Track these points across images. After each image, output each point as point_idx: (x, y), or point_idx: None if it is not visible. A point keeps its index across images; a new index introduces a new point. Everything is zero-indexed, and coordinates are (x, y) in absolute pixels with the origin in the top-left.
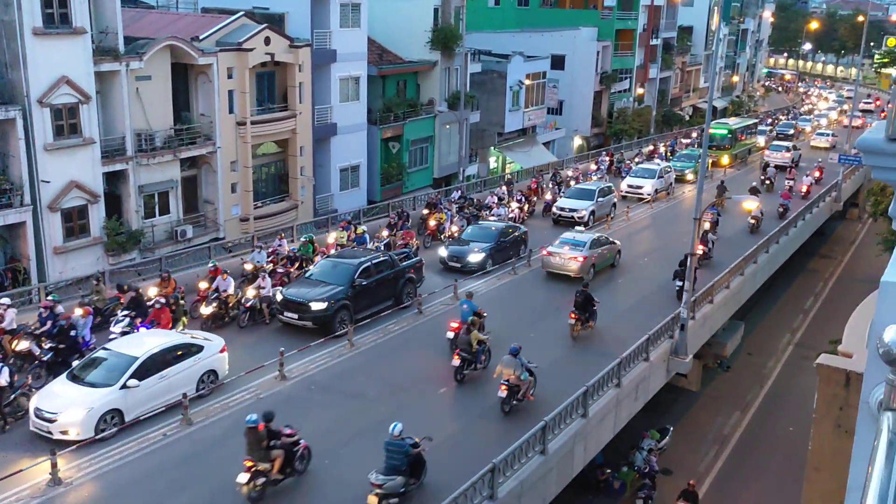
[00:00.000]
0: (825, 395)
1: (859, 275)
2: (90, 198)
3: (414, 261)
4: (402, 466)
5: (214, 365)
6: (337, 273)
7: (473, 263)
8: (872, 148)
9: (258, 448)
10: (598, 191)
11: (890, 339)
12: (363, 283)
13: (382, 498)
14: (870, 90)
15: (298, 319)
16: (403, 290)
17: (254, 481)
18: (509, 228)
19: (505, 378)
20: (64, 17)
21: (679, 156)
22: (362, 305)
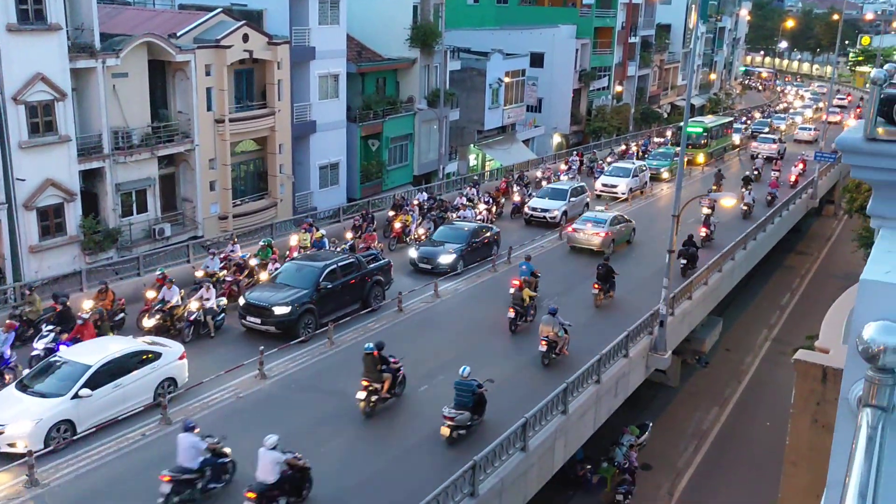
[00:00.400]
0: (802, 391)
1: (835, 271)
2: (66, 196)
3: (382, 263)
4: (468, 403)
5: (173, 372)
6: (301, 276)
7: (444, 265)
8: (851, 147)
9: (373, 370)
10: (570, 191)
11: (869, 337)
12: (328, 286)
13: (453, 429)
14: (840, 87)
15: (261, 324)
16: (371, 293)
17: (369, 398)
18: (481, 229)
19: (545, 335)
20: (39, 13)
21: (654, 154)
22: (328, 309)
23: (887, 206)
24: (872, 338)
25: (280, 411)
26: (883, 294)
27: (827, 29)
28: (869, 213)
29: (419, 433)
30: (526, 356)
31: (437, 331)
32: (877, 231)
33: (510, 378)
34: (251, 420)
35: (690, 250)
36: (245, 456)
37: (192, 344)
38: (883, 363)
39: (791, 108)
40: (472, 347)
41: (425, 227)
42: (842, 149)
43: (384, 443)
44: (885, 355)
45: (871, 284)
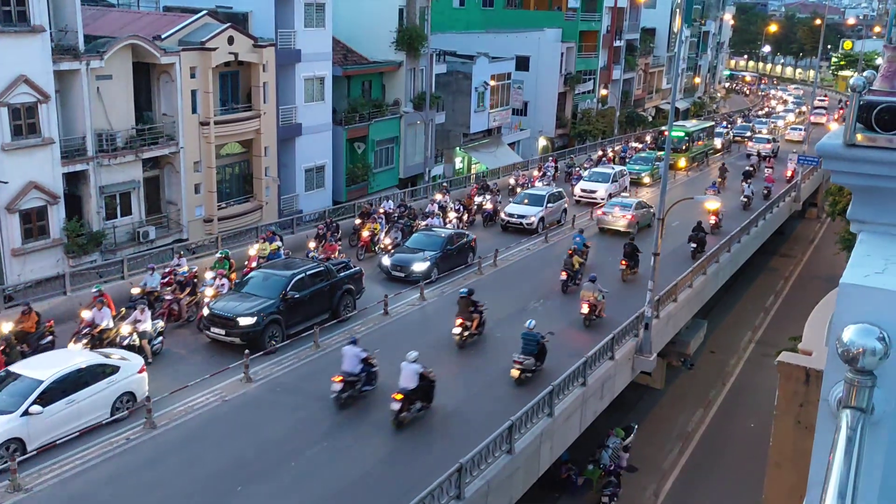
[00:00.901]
0: (786, 392)
1: (818, 273)
2: (50, 199)
3: (353, 271)
4: (534, 351)
5: (132, 386)
6: (268, 286)
7: (418, 273)
8: (831, 153)
9: (466, 311)
10: (547, 196)
11: (848, 339)
12: (296, 296)
13: (522, 371)
14: (822, 90)
15: (225, 336)
16: (341, 303)
17: (462, 333)
18: (456, 236)
19: (586, 299)
20: (22, 14)
21: (635, 158)
22: (295, 319)
23: (867, 211)
24: (852, 340)
25: (265, 414)
26: (862, 297)
27: (810, 33)
28: (849, 217)
29: (407, 434)
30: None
31: (426, 333)
32: (857, 235)
33: None
34: (236, 423)
35: (699, 235)
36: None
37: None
38: (862, 365)
39: (773, 113)
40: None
41: (392, 236)
42: (822, 154)
43: (370, 451)
44: (863, 357)
45: (850, 288)
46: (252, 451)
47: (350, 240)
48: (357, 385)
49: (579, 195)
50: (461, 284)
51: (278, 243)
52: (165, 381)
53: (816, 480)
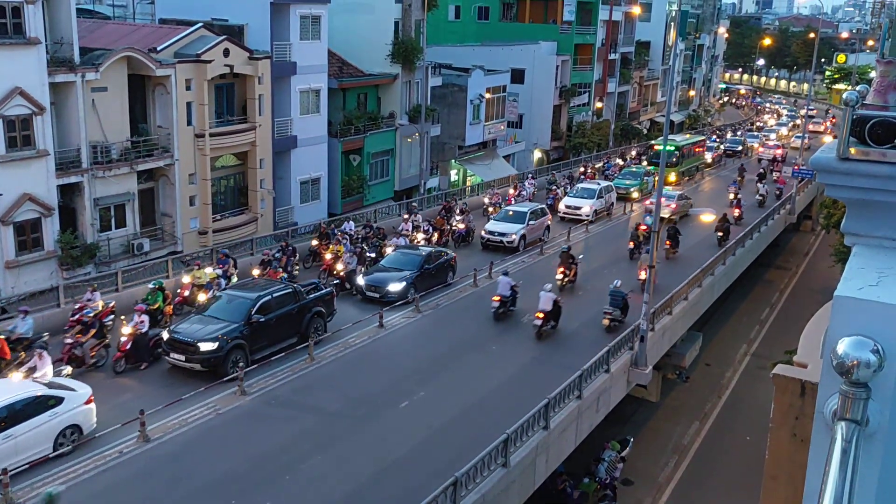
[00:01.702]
0: (781, 405)
1: (813, 285)
2: (44, 211)
3: (323, 292)
4: (619, 305)
5: (77, 419)
6: (232, 309)
7: (393, 293)
8: (824, 167)
9: (567, 261)
10: (529, 213)
11: (843, 352)
12: (261, 319)
13: (612, 321)
14: (816, 103)
15: (186, 361)
16: (310, 326)
17: (563, 279)
18: (435, 254)
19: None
20: (17, 27)
21: (624, 173)
22: (261, 344)
23: (860, 224)
24: (846, 353)
25: (260, 427)
26: (856, 310)
27: (803, 47)
28: (843, 230)
29: (401, 449)
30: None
31: (424, 346)
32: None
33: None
34: (230, 436)
35: (726, 225)
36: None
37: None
38: (856, 377)
39: (765, 127)
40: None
41: (345, 261)
42: (816, 168)
43: (359, 462)
44: (858, 370)
45: (844, 300)
46: (246, 465)
47: (305, 262)
48: (507, 304)
49: (564, 212)
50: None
51: (217, 271)
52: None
53: (812, 492)
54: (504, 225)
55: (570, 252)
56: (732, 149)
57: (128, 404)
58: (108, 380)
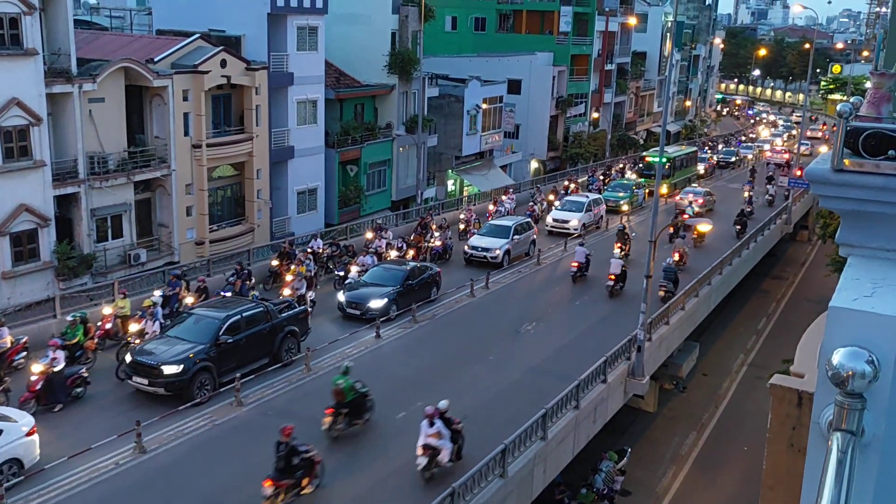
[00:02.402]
0: (778, 415)
1: (810, 295)
2: (40, 221)
3: (297, 311)
4: (672, 278)
5: (17, 452)
6: (198, 329)
7: (374, 310)
8: (819, 178)
9: (622, 239)
10: (514, 227)
11: (838, 362)
12: (229, 340)
13: (666, 292)
14: (811, 112)
15: (149, 385)
16: (283, 346)
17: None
18: (418, 269)
19: (677, 249)
20: (15, 38)
21: (613, 185)
22: (229, 366)
23: (855, 235)
24: (841, 363)
25: (256, 438)
26: (851, 320)
27: (799, 57)
28: (838, 241)
29: (398, 459)
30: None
31: (421, 356)
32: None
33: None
34: (226, 447)
35: (743, 219)
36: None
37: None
38: (851, 388)
39: (758, 138)
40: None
41: (294, 286)
42: (810, 179)
43: (356, 473)
44: (853, 380)
45: (839, 311)
46: (242, 476)
47: (266, 283)
48: (584, 270)
49: (552, 225)
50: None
51: (155, 299)
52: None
53: (808, 502)
54: (488, 240)
55: (626, 231)
56: (726, 160)
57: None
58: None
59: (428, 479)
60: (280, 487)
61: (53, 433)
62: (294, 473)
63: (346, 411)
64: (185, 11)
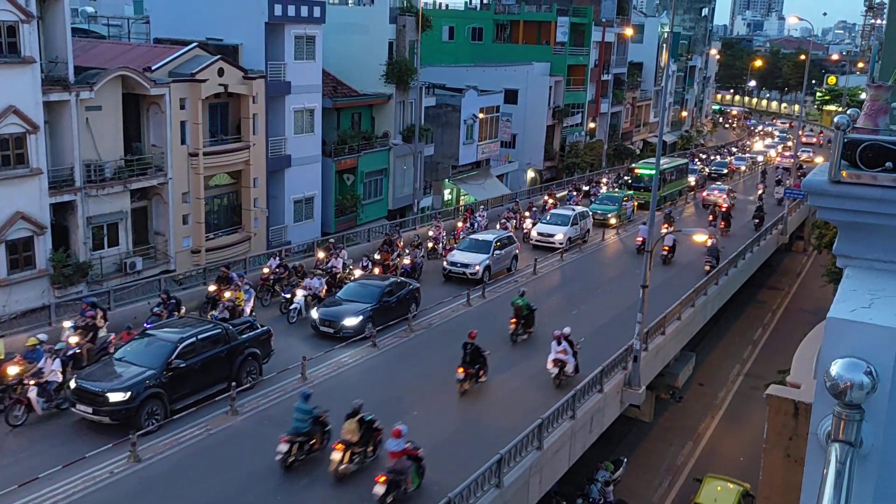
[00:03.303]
0: (775, 426)
1: (806, 306)
2: (36, 229)
3: (258, 332)
4: (715, 255)
5: None
6: (149, 353)
7: (349, 328)
8: (816, 189)
9: (670, 220)
10: (494, 242)
11: (836, 373)
12: (182, 364)
13: (711, 267)
14: (807, 124)
15: (93, 413)
16: (243, 369)
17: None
18: (396, 285)
19: (710, 238)
20: (12, 45)
21: (602, 198)
22: (182, 392)
23: (852, 246)
24: (839, 374)
25: (251, 447)
26: (849, 332)
27: (794, 69)
28: (835, 252)
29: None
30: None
31: (417, 365)
32: (844, 270)
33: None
34: (221, 456)
35: (761, 213)
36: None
37: None
38: (850, 399)
39: (750, 150)
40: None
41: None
42: (808, 191)
43: (352, 483)
44: (851, 391)
45: (837, 322)
46: (237, 485)
47: (203, 311)
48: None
49: (536, 239)
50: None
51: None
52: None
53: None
54: (467, 255)
55: (672, 214)
56: (718, 172)
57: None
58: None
59: (557, 386)
60: (468, 375)
61: None
62: (474, 365)
63: (523, 322)
64: (182, 20)
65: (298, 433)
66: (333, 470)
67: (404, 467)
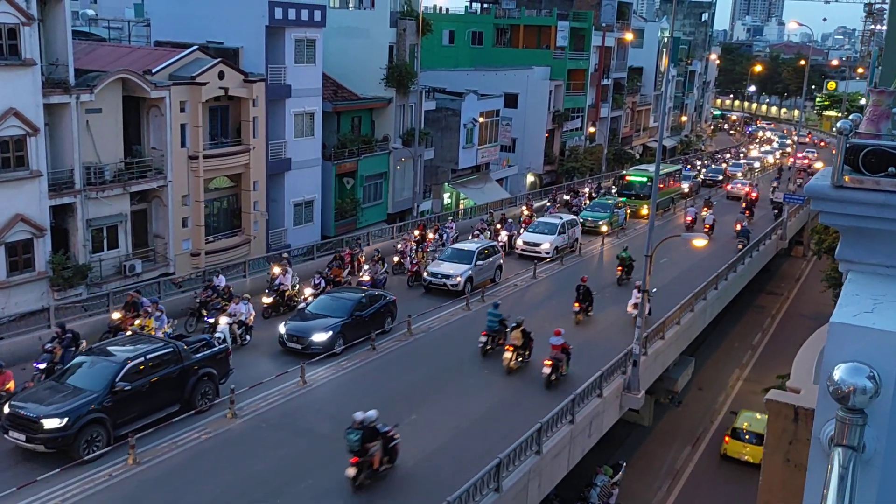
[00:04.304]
0: (775, 430)
1: (805, 311)
2: (36, 231)
3: (215, 351)
4: (746, 235)
5: None
6: (92, 375)
7: (318, 344)
8: (819, 194)
9: (710, 204)
10: (477, 252)
11: (839, 378)
12: (127, 387)
13: (743, 245)
14: (807, 128)
15: (27, 441)
16: (196, 390)
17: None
18: (369, 298)
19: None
20: (13, 48)
21: (593, 205)
22: (128, 416)
23: (855, 251)
24: (842, 379)
25: (250, 451)
26: (852, 336)
27: (794, 74)
28: (837, 257)
29: (393, 473)
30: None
31: (415, 369)
32: (845, 274)
33: None
34: (220, 459)
35: (779, 205)
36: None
37: None
38: (853, 404)
39: (747, 155)
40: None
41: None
42: (811, 195)
43: (350, 486)
44: (854, 396)
45: (840, 327)
46: (236, 488)
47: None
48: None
49: (522, 248)
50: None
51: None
52: None
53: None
54: (449, 266)
55: (711, 199)
56: (713, 178)
57: None
58: None
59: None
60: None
61: None
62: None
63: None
64: (183, 23)
65: (492, 331)
66: (506, 365)
67: (561, 357)
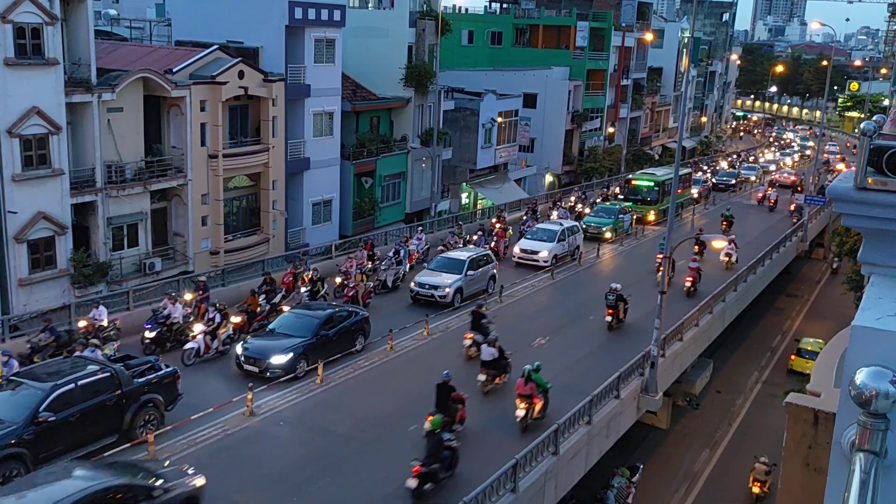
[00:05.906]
0: (794, 434)
1: (825, 314)
2: (58, 229)
3: (161, 374)
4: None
5: None
6: (13, 405)
7: (276, 366)
8: (842, 196)
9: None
10: (468, 261)
11: (861, 382)
12: (51, 418)
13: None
14: (828, 131)
15: None
16: (137, 419)
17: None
18: (338, 316)
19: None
20: (36, 48)
21: (597, 210)
22: (54, 450)
23: (877, 254)
24: (865, 383)
25: (268, 448)
26: (874, 340)
27: (816, 74)
28: (860, 260)
29: (410, 472)
30: None
31: (432, 369)
32: (867, 277)
33: None
34: (238, 457)
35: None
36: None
37: None
38: (875, 408)
39: (762, 158)
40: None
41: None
42: (833, 197)
43: (368, 485)
44: (876, 400)
45: (863, 331)
46: (253, 486)
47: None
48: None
49: (519, 256)
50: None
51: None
52: None
53: None
54: (437, 276)
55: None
56: (726, 183)
57: None
58: None
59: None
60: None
61: None
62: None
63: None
64: (203, 23)
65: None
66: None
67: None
